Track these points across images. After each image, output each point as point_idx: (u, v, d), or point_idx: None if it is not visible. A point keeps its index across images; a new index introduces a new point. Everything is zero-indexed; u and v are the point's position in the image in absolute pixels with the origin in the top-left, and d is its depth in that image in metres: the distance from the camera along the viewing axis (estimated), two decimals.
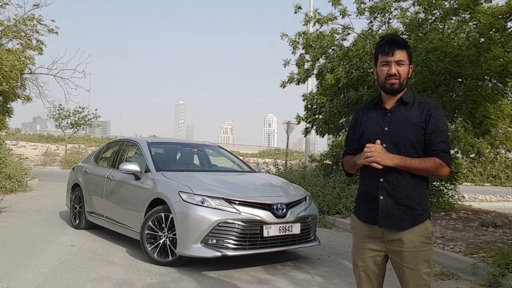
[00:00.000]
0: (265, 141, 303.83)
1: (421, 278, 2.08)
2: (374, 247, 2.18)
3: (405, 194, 2.09)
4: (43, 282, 3.85)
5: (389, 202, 2.10)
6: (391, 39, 2.14)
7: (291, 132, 17.18)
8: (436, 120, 2.10)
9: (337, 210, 8.13)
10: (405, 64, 2.12)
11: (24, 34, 11.23)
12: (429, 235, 2.12)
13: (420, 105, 2.14)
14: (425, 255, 2.09)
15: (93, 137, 48.83)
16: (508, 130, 10.34)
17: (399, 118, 2.14)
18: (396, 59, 2.10)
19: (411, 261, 2.08)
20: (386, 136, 2.13)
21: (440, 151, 2.07)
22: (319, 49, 9.13)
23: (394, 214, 2.10)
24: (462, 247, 5.36)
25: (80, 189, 6.52)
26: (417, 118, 2.11)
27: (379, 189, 2.11)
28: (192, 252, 4.28)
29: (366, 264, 2.20)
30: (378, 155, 2.03)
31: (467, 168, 23.74)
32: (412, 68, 2.23)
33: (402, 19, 8.31)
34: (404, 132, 2.11)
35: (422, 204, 2.12)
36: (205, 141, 8.58)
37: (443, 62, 6.24)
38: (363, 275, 2.21)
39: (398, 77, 2.11)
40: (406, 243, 2.08)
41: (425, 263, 2.09)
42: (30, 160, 17.25)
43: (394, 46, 2.11)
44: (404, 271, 2.10)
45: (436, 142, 2.08)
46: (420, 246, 2.08)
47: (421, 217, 2.10)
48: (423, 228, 2.10)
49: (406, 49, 2.13)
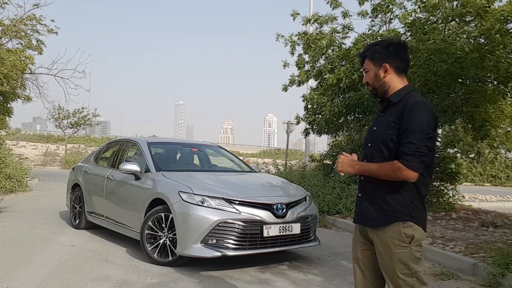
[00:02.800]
0: (265, 141, 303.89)
1: (399, 278, 2.09)
2: (363, 241, 2.29)
3: (376, 193, 2.16)
4: (43, 282, 3.85)
5: (363, 200, 2.23)
6: (359, 54, 2.39)
7: (291, 132, 17.15)
8: (407, 120, 2.02)
9: (337, 210, 8.13)
10: (369, 69, 2.26)
11: (24, 34, 11.23)
12: (403, 238, 2.08)
13: (402, 104, 2.13)
14: (401, 257, 2.08)
15: (93, 137, 48.81)
16: (508, 130, 10.34)
17: (382, 119, 2.22)
18: (363, 69, 2.31)
19: (387, 261, 2.12)
20: (373, 135, 2.24)
21: (403, 152, 2.01)
22: (318, 50, 9.13)
23: (367, 212, 2.19)
24: (462, 247, 5.36)
25: (80, 189, 6.52)
26: (392, 117, 2.13)
27: (359, 187, 2.28)
28: (192, 252, 4.28)
29: (357, 256, 2.31)
30: (339, 165, 2.23)
31: (467, 168, 23.73)
32: (386, 66, 2.19)
33: (403, 19, 8.31)
34: (380, 132, 2.18)
35: (393, 205, 2.10)
36: (205, 141, 8.58)
37: (445, 64, 6.22)
38: (356, 267, 2.32)
39: (368, 83, 2.30)
40: (380, 242, 2.14)
41: (402, 264, 2.08)
42: (30, 160, 17.22)
43: (360, 59, 2.35)
44: (383, 270, 2.17)
45: (403, 142, 2.03)
46: (393, 248, 2.09)
47: (391, 218, 2.10)
48: (396, 230, 2.09)
49: (365, 57, 2.29)
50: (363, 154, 2.29)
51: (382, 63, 2.20)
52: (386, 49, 2.21)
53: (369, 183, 2.19)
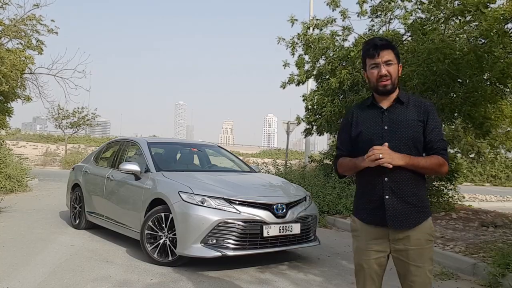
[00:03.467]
0: (265, 141, 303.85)
1: (426, 276, 2.11)
2: (378, 248, 2.16)
3: (410, 192, 2.11)
4: (43, 282, 3.85)
5: (395, 201, 2.10)
6: (376, 42, 2.18)
7: (291, 132, 17.16)
8: (434, 119, 2.16)
9: (337, 210, 8.13)
10: (394, 63, 2.16)
11: (24, 34, 11.23)
12: (432, 232, 2.17)
13: (416, 104, 2.20)
14: (429, 252, 2.14)
15: (93, 137, 48.81)
16: (508, 130, 10.35)
17: (397, 117, 2.16)
18: (384, 60, 2.14)
19: (417, 259, 2.10)
20: (387, 134, 2.14)
21: (440, 149, 2.13)
22: (318, 50, 9.13)
23: (401, 213, 2.10)
24: (462, 247, 5.36)
25: (80, 189, 6.52)
26: (416, 116, 2.15)
27: (385, 188, 2.11)
28: (192, 252, 4.28)
29: (370, 266, 2.17)
30: (388, 156, 2.02)
31: (467, 168, 23.75)
32: (402, 67, 2.27)
33: (403, 19, 8.31)
34: (404, 130, 2.13)
35: (424, 201, 2.17)
36: (205, 141, 8.58)
37: (443, 64, 6.23)
38: (368, 278, 2.18)
39: (390, 77, 2.15)
40: (412, 241, 2.10)
41: (429, 260, 2.13)
42: (30, 160, 17.23)
43: (379, 48, 2.15)
44: (409, 269, 2.10)
45: (436, 140, 2.14)
46: (425, 243, 2.12)
47: (425, 214, 2.15)
48: (428, 225, 2.15)
49: (392, 49, 2.18)
50: None
51: (399, 63, 2.23)
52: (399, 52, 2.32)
53: (397, 183, 2.09)
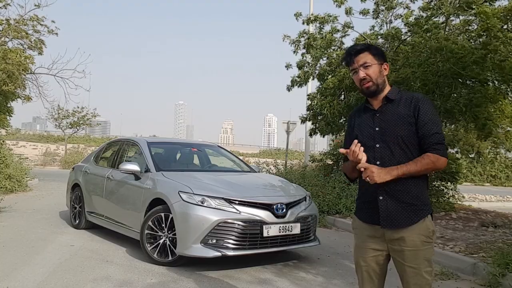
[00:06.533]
0: (265, 141, 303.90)
1: (422, 277, 2.09)
2: (376, 247, 2.19)
3: (404, 190, 2.10)
4: (43, 282, 3.84)
5: (389, 202, 2.12)
6: (350, 50, 2.27)
7: (291, 132, 17.16)
8: (426, 113, 2.11)
9: (337, 210, 8.13)
10: (372, 64, 2.19)
11: (25, 34, 11.22)
12: (429, 234, 2.12)
13: (406, 100, 2.18)
14: (426, 254, 2.10)
15: (93, 137, 48.76)
16: (508, 130, 10.33)
17: (387, 117, 2.18)
18: (360, 63, 2.19)
19: (412, 260, 2.09)
20: (378, 136, 2.17)
21: (434, 143, 2.08)
22: (320, 49, 9.14)
23: (395, 213, 2.11)
24: (462, 247, 5.36)
25: (80, 189, 6.52)
26: (405, 112, 2.14)
27: (378, 189, 2.13)
28: (192, 252, 4.28)
29: (368, 263, 2.21)
30: (376, 177, 2.04)
31: (467, 168, 23.75)
32: (388, 65, 2.27)
33: (405, 18, 8.30)
34: (394, 129, 2.14)
35: (421, 198, 2.13)
36: (205, 141, 8.58)
37: (448, 62, 6.15)
38: (366, 275, 2.22)
39: (370, 79, 2.18)
40: (407, 242, 2.09)
41: (426, 262, 2.10)
42: (30, 160, 17.25)
43: (354, 54, 2.22)
44: (405, 270, 2.11)
45: (429, 134, 2.09)
46: (421, 245, 2.09)
47: (422, 212, 2.11)
48: (424, 226, 2.11)
49: (368, 51, 2.21)
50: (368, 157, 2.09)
51: (383, 62, 2.23)
52: (382, 51, 2.29)
53: (391, 183, 2.07)
